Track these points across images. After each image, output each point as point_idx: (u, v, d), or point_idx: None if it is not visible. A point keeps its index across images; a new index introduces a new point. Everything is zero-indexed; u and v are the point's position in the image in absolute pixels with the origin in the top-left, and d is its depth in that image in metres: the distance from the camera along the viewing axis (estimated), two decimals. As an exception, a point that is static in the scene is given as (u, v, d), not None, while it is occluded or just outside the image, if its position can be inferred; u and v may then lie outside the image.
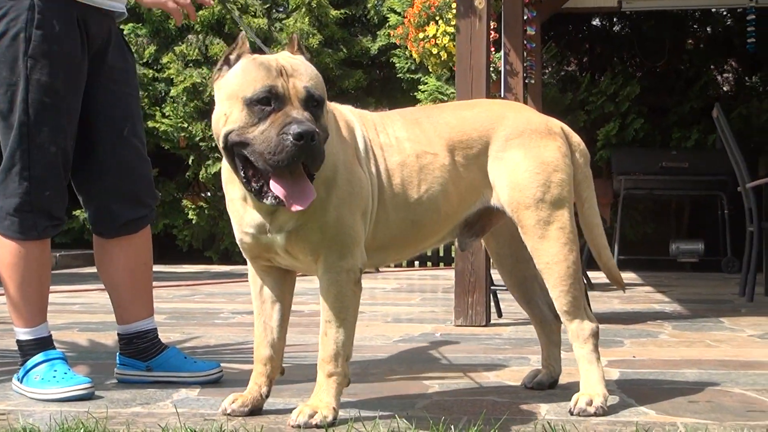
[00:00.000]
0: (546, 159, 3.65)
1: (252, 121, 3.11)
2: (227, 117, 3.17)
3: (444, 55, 9.72)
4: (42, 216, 3.91)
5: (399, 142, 3.56)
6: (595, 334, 3.64)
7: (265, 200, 3.15)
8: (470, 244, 3.86)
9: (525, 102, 9.62)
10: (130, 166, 4.11)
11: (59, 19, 3.87)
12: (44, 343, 3.97)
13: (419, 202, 3.54)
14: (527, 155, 3.64)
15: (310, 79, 3.20)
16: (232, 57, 3.27)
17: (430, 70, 10.49)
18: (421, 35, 9.77)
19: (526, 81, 10.15)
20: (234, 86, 3.19)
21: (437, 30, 9.63)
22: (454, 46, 9.05)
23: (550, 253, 3.61)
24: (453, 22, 9.14)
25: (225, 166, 3.39)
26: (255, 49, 3.39)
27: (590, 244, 3.89)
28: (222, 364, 4.23)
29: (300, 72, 3.19)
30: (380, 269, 12.19)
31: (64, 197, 3.99)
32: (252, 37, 3.89)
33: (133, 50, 13.35)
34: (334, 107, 3.50)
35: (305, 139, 3.03)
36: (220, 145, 3.21)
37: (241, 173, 3.19)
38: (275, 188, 3.11)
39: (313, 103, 3.16)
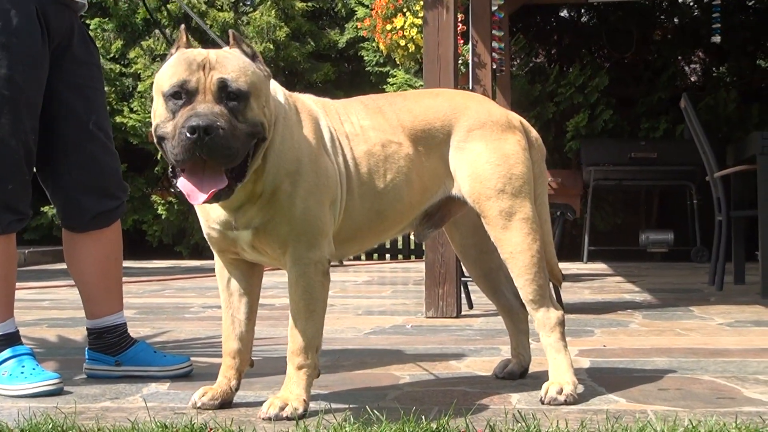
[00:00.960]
0: (507, 151, 3.65)
1: (168, 116, 3.10)
2: (155, 111, 3.17)
3: (411, 47, 9.71)
4: (6, 211, 3.87)
5: (364, 131, 3.55)
6: (562, 323, 3.64)
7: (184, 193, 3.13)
8: (428, 236, 3.86)
9: (494, 94, 9.63)
10: (97, 160, 4.08)
11: (18, 12, 3.83)
12: (11, 339, 3.93)
13: (385, 192, 3.53)
14: (488, 147, 3.64)
15: (233, 71, 3.13)
16: (173, 51, 3.25)
17: (398, 62, 10.48)
18: (388, 27, 9.76)
19: (497, 73, 10.17)
20: (158, 80, 3.18)
21: (405, 22, 9.62)
22: (422, 38, 9.06)
23: (514, 243, 3.61)
24: (421, 14, 9.13)
25: None
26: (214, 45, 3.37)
27: None
28: (192, 358, 4.22)
29: (223, 65, 3.13)
30: (350, 261, 12.19)
31: (28, 191, 3.95)
32: (207, 30, 3.88)
33: (100, 45, 13.44)
34: (296, 98, 3.48)
35: (198, 133, 2.98)
36: (154, 140, 3.19)
37: (170, 168, 3.18)
38: (181, 183, 3.09)
39: (229, 95, 3.10)
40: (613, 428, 2.98)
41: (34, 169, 4.06)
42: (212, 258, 3.57)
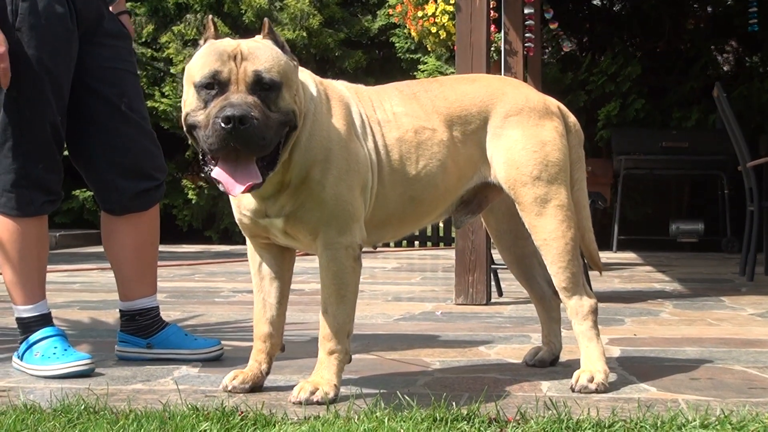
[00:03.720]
0: (543, 138, 3.64)
1: (200, 106, 3.12)
2: (185, 101, 3.18)
3: (443, 34, 9.69)
4: (38, 191, 3.90)
5: (397, 118, 3.54)
6: (594, 311, 3.63)
7: (216, 184, 3.14)
8: (465, 222, 3.85)
9: (525, 81, 9.60)
10: (132, 141, 4.09)
11: None
12: (45, 320, 3.96)
13: (417, 178, 3.53)
14: (525, 133, 3.63)
15: (265, 62, 3.14)
16: (201, 41, 3.26)
17: (429, 49, 10.47)
18: (420, 13, 9.74)
19: (528, 54, 10.13)
20: (189, 71, 3.20)
21: (436, 8, 9.59)
22: (453, 24, 9.04)
23: (548, 230, 3.60)
24: (452, 1, 9.11)
25: None
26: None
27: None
28: (223, 342, 4.23)
29: (255, 56, 3.15)
30: (379, 248, 12.19)
31: (59, 172, 3.98)
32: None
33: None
34: (326, 84, 3.48)
35: (233, 123, 3.00)
36: (184, 129, 3.20)
37: (200, 156, 3.19)
38: (216, 173, 3.10)
39: (262, 86, 3.12)
40: (645, 417, 2.97)
41: (70, 155, 4.08)
42: (242, 243, 3.59)
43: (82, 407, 3.10)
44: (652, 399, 3.34)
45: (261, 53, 3.17)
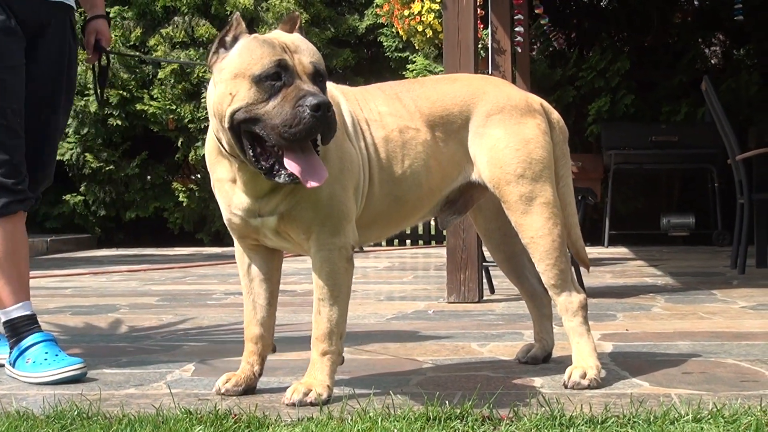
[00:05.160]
0: (526, 136, 3.64)
1: (262, 98, 3.09)
2: (233, 96, 3.13)
3: (429, 33, 9.69)
4: (3, 192, 3.88)
5: (382, 117, 3.55)
6: (584, 307, 3.63)
7: (277, 178, 3.12)
8: (451, 222, 3.85)
9: (514, 78, 9.60)
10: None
11: None
12: (32, 321, 3.95)
13: (403, 178, 3.53)
14: (508, 131, 3.63)
15: (314, 54, 3.20)
16: (228, 39, 3.23)
17: (417, 47, 10.46)
18: (406, 12, 9.73)
19: (518, 50, 10.13)
20: (239, 65, 3.14)
21: (422, 7, 9.59)
22: (439, 23, 9.06)
23: (534, 228, 3.60)
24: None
25: (209, 146, 3.38)
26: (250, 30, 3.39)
27: None
28: (216, 344, 4.23)
29: (302, 48, 3.19)
30: (371, 247, 12.20)
31: (20, 172, 3.95)
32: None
33: (119, 33, 13.45)
34: (318, 85, 3.49)
35: (322, 110, 3.03)
36: (226, 125, 3.14)
37: (250, 152, 3.15)
38: (290, 165, 3.08)
39: (319, 78, 3.17)
40: (637, 412, 2.98)
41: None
42: (233, 244, 3.58)
43: (75, 413, 3.10)
44: (645, 394, 3.34)
45: (306, 46, 3.22)
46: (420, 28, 9.65)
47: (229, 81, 3.15)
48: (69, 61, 4.21)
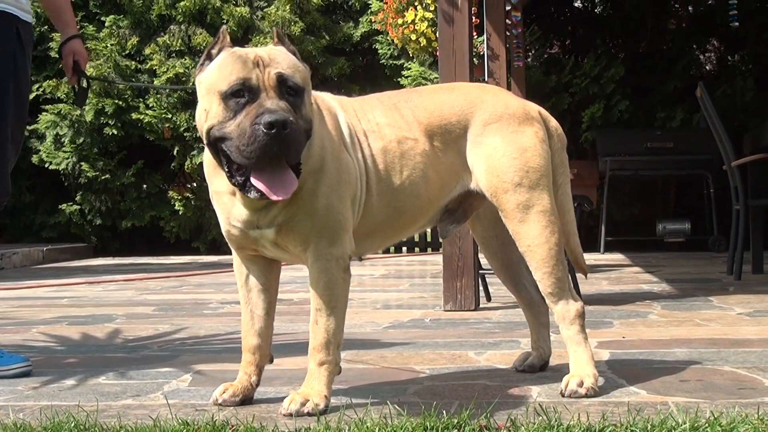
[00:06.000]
0: (524, 144, 3.65)
1: (229, 115, 3.11)
2: (207, 112, 3.17)
3: (423, 41, 9.68)
4: None
5: (380, 128, 3.55)
6: (581, 315, 3.64)
7: (249, 194, 3.14)
8: (451, 231, 3.85)
9: (509, 86, 9.62)
10: None
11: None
12: None
13: (402, 188, 3.53)
14: (505, 140, 3.64)
15: (288, 67, 3.18)
16: (214, 51, 3.26)
17: (412, 55, 10.46)
18: (400, 21, 9.73)
19: (517, 64, 10.14)
20: (211, 81, 3.19)
21: (415, 16, 9.59)
22: (433, 32, 9.05)
23: (531, 236, 3.61)
24: (432, 8, 9.12)
25: (207, 158, 3.38)
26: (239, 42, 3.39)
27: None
28: (213, 355, 4.23)
29: (277, 61, 3.18)
30: (364, 258, 12.19)
31: None
32: None
33: (115, 42, 13.46)
34: (316, 96, 3.49)
35: (276, 128, 3.01)
36: (204, 141, 3.19)
37: (225, 168, 3.18)
38: (256, 182, 3.10)
39: (289, 91, 3.15)
40: (635, 420, 2.98)
41: None
42: (230, 253, 3.58)
43: (73, 424, 3.09)
44: (642, 402, 3.34)
45: (282, 58, 3.21)
46: (414, 37, 9.64)
47: (205, 96, 3.20)
48: (15, 73, 4.18)
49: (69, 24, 4.36)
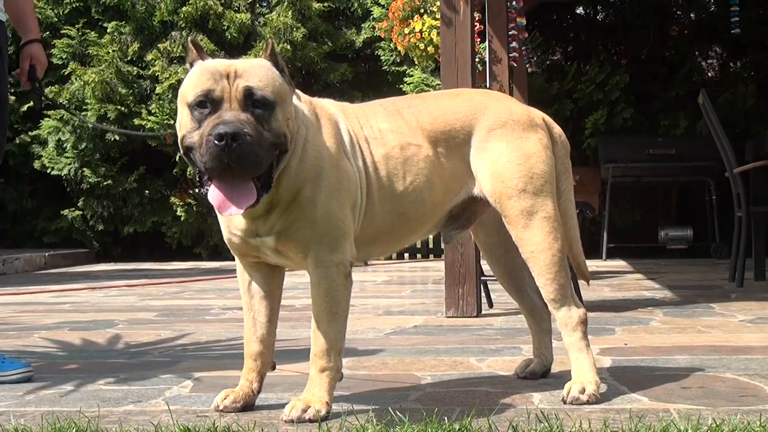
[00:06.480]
0: (528, 150, 3.65)
1: (195, 126, 3.13)
2: (181, 123, 3.19)
3: (431, 50, 9.68)
4: None
5: (382, 134, 3.55)
6: (584, 321, 3.64)
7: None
8: (454, 237, 3.86)
9: (511, 92, 9.61)
10: None
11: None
12: None
13: (405, 194, 3.53)
14: (509, 146, 3.64)
15: (259, 80, 3.15)
16: (187, 66, 3.28)
17: (416, 62, 10.45)
18: (407, 30, 9.72)
19: (528, 69, 10.14)
20: (182, 92, 3.21)
21: (423, 24, 9.58)
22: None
23: (535, 242, 3.61)
24: (438, 15, 9.11)
25: None
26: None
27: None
28: (214, 361, 4.23)
29: (249, 73, 3.16)
30: (369, 263, 12.19)
31: None
32: None
33: (117, 48, 13.46)
34: (316, 103, 3.49)
35: (225, 140, 3.01)
36: (181, 151, 3.20)
37: (197, 177, 3.21)
38: (211, 193, 3.11)
39: (255, 103, 3.13)
40: (636, 428, 2.97)
41: None
42: (231, 259, 3.58)
43: (74, 430, 3.09)
44: (644, 409, 3.34)
45: (255, 71, 3.18)
46: (422, 45, 9.62)
47: (179, 107, 3.23)
48: None
49: (31, 29, 4.35)
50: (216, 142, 3.01)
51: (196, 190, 13.60)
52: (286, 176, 3.27)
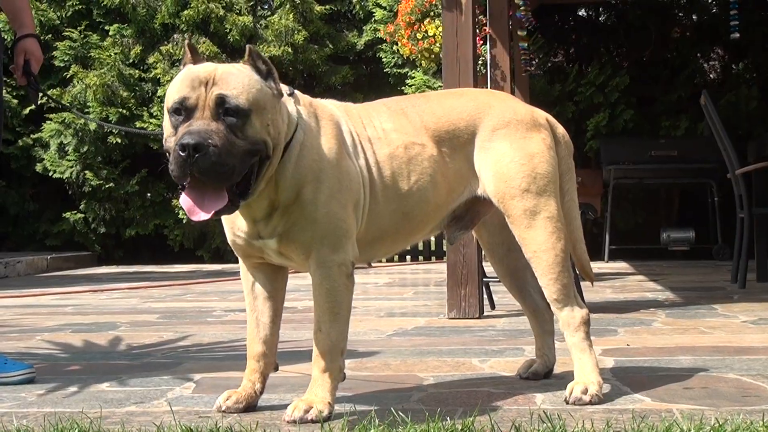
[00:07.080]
0: (531, 150, 3.65)
1: (172, 132, 3.16)
2: (164, 127, 3.21)
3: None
4: None
5: (386, 134, 3.55)
6: (586, 322, 3.63)
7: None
8: (458, 238, 3.86)
9: (512, 94, 9.60)
10: None
11: None
12: None
13: (409, 194, 3.53)
14: (513, 146, 3.64)
15: (234, 88, 3.13)
16: (181, 68, 3.30)
17: (424, 65, 10.42)
18: (419, 35, 9.69)
19: (524, 73, 10.14)
20: (166, 96, 3.24)
21: (438, 28, 9.53)
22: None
23: (538, 242, 3.61)
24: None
25: None
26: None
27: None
28: (216, 362, 4.22)
29: (226, 81, 3.15)
30: (372, 264, 12.19)
31: None
32: None
33: (119, 50, 13.47)
34: (316, 105, 3.48)
35: (188, 151, 3.01)
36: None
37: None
38: (182, 199, 3.12)
39: (227, 111, 3.11)
40: (639, 428, 2.97)
41: None
42: (234, 262, 3.60)
43: (76, 431, 3.09)
44: (647, 409, 3.34)
45: (232, 79, 3.16)
46: (436, 50, 9.58)
47: (164, 111, 3.22)
48: None
49: (25, 24, 4.34)
50: (180, 152, 3.03)
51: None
52: (283, 179, 3.27)
